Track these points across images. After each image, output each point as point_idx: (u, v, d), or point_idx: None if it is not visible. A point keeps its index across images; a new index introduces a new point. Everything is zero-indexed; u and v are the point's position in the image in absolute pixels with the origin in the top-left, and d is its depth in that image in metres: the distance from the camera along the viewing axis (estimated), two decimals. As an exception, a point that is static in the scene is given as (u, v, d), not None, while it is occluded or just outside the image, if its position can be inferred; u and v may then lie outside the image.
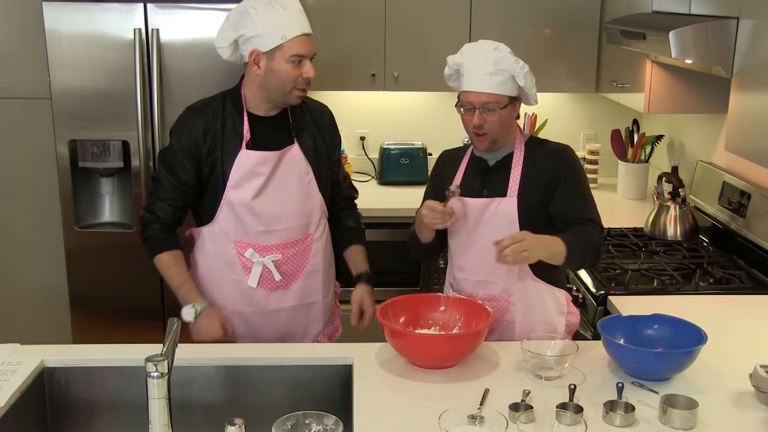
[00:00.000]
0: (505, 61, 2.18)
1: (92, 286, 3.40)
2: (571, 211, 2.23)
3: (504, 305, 2.28)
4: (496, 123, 2.21)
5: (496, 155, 2.30)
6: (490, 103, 2.18)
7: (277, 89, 2.30)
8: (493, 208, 2.25)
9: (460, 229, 2.30)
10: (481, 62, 2.19)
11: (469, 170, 2.35)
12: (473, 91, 2.21)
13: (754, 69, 2.29)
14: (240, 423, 1.57)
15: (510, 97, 2.20)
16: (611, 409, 1.80)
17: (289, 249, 2.40)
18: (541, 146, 2.31)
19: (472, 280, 2.31)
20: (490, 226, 2.25)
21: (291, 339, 2.48)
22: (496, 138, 2.24)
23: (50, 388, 2.09)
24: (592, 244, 2.19)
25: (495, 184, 2.27)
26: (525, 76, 2.18)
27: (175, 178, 2.35)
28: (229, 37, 2.30)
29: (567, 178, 2.25)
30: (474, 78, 2.20)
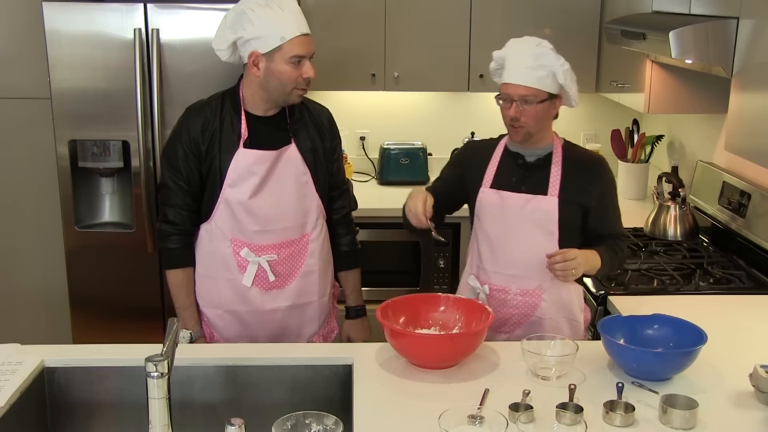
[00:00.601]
0: (546, 57, 2.21)
1: (92, 286, 3.40)
2: (607, 226, 2.34)
3: (536, 301, 2.30)
4: (532, 117, 2.23)
5: (534, 152, 2.32)
6: (527, 96, 2.21)
7: (278, 90, 2.30)
8: (533, 204, 2.27)
9: (494, 224, 2.32)
10: (523, 56, 2.23)
11: (503, 164, 2.36)
12: (512, 83, 2.24)
13: (754, 69, 2.29)
14: (240, 423, 1.57)
15: (549, 93, 2.23)
16: (611, 409, 1.80)
17: (285, 249, 2.40)
18: (578, 151, 2.37)
19: (504, 273, 2.32)
20: (529, 223, 2.27)
21: (285, 339, 2.48)
22: (532, 131, 2.27)
23: (50, 388, 2.09)
24: (621, 259, 2.36)
25: (533, 182, 2.30)
26: (565, 74, 2.21)
27: (183, 179, 2.35)
28: (227, 39, 2.30)
29: (608, 193, 2.34)
30: (514, 71, 2.24)
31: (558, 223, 2.26)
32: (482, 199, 2.35)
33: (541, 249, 2.26)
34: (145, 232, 3.31)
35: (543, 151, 2.33)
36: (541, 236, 2.27)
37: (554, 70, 2.21)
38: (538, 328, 2.30)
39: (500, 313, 2.32)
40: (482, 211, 2.35)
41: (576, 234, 2.31)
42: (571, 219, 2.29)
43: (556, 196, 2.27)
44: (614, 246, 2.32)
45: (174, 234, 2.39)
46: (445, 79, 3.89)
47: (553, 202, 2.27)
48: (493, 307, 2.30)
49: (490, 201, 2.33)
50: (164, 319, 3.34)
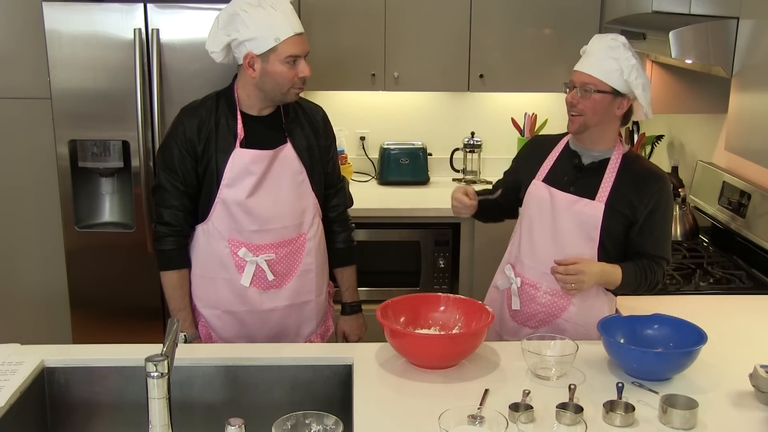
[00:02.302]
0: (617, 50, 2.18)
1: (92, 286, 3.40)
2: (651, 246, 2.25)
3: (564, 303, 2.28)
4: (590, 107, 2.19)
5: (592, 154, 2.29)
6: (588, 84, 2.18)
7: (274, 90, 2.31)
8: (579, 207, 2.24)
9: (539, 218, 2.30)
10: (596, 48, 2.22)
11: (560, 160, 2.34)
12: (578, 70, 2.23)
13: (754, 69, 2.29)
14: (240, 423, 1.57)
15: (613, 87, 2.18)
16: (611, 409, 1.80)
17: (282, 248, 2.40)
18: (639, 163, 2.30)
19: (538, 270, 2.30)
20: (572, 224, 2.25)
21: (284, 338, 2.48)
22: (588, 123, 2.22)
23: (50, 388, 2.09)
24: (651, 282, 2.25)
25: (584, 184, 2.26)
26: (629, 69, 2.16)
27: (179, 180, 2.35)
28: (221, 41, 2.30)
29: (659, 211, 2.24)
30: (584, 60, 2.23)
31: (601, 230, 2.22)
32: (532, 191, 2.33)
33: (579, 253, 2.23)
34: (145, 232, 3.31)
35: (601, 154, 2.27)
36: (582, 240, 2.24)
37: (621, 64, 2.17)
38: (562, 331, 2.27)
39: (528, 308, 2.32)
40: (529, 202, 2.33)
41: (618, 245, 2.26)
42: (615, 229, 2.23)
43: (604, 202, 2.22)
44: (646, 267, 2.23)
45: (170, 235, 2.38)
46: (445, 79, 3.89)
47: (598, 208, 2.22)
48: (522, 301, 2.33)
49: (538, 194, 2.31)
50: (164, 319, 3.34)
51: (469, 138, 4.13)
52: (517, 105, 4.12)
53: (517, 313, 2.36)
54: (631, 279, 2.22)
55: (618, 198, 2.22)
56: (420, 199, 3.89)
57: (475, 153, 4.12)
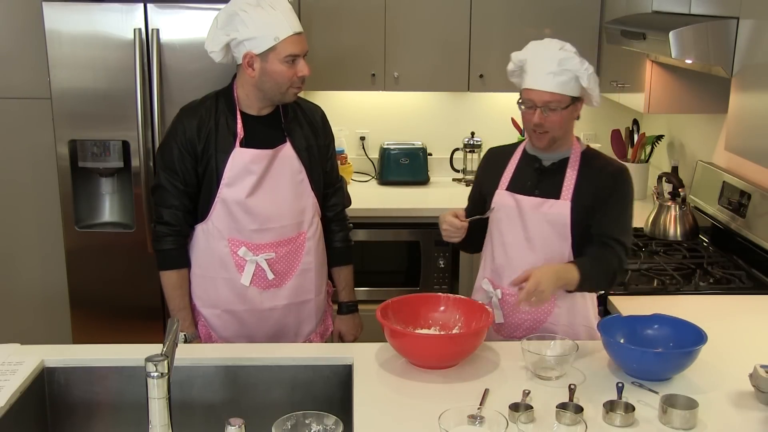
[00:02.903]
0: (570, 62, 2.16)
1: (92, 286, 3.40)
2: (605, 227, 2.23)
3: (549, 307, 2.26)
4: (557, 122, 2.19)
5: (551, 156, 2.28)
6: (551, 102, 2.16)
7: (274, 89, 2.31)
8: (546, 208, 2.24)
9: (509, 226, 2.28)
10: (546, 61, 2.16)
11: (520, 167, 2.33)
12: (536, 89, 2.17)
13: (754, 69, 2.28)
14: (240, 423, 1.57)
15: (572, 97, 2.18)
16: (611, 409, 1.80)
17: (282, 247, 2.40)
18: (599, 158, 2.30)
19: None
20: (543, 226, 2.24)
21: (283, 337, 2.49)
22: (556, 137, 2.22)
23: (50, 388, 2.09)
24: (607, 271, 2.21)
25: (548, 185, 2.26)
26: (589, 78, 2.16)
27: (179, 179, 2.35)
28: (220, 41, 2.30)
29: (616, 196, 2.24)
30: (537, 76, 2.17)
31: (571, 227, 2.22)
32: (498, 201, 2.31)
33: (554, 254, 2.22)
34: (145, 232, 3.30)
35: (561, 155, 2.28)
36: (555, 241, 2.23)
37: (578, 74, 2.15)
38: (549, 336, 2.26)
39: (513, 318, 2.30)
40: (497, 213, 2.31)
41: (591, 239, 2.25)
42: (584, 223, 2.23)
43: (569, 200, 2.22)
44: (600, 255, 2.20)
45: (170, 235, 2.38)
46: (445, 79, 3.89)
47: (565, 206, 2.22)
48: (506, 312, 2.30)
49: (504, 203, 2.29)
50: (164, 319, 3.34)
51: (469, 138, 4.13)
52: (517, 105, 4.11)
53: (502, 327, 2.33)
54: (588, 271, 2.17)
55: (582, 193, 2.23)
56: (420, 199, 3.89)
57: (475, 153, 4.12)
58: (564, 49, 2.18)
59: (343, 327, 2.64)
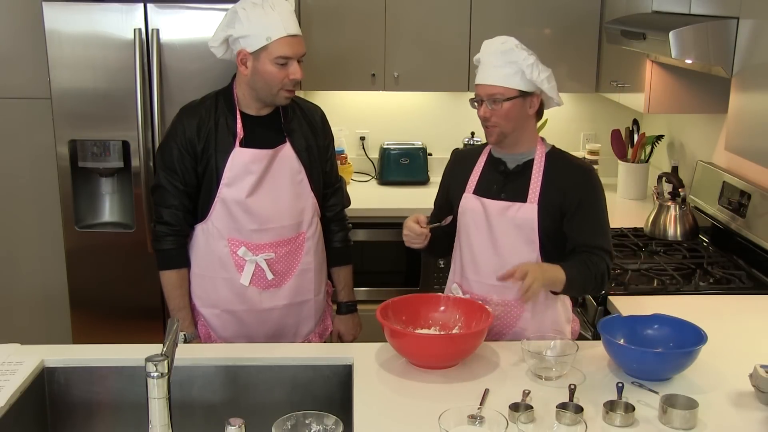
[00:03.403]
0: (512, 54, 2.16)
1: (92, 286, 3.40)
2: (585, 237, 2.21)
3: (518, 311, 2.25)
4: (503, 116, 2.18)
5: (515, 158, 2.26)
6: (495, 95, 2.16)
7: (264, 90, 2.31)
8: (513, 212, 2.21)
9: (476, 231, 2.26)
10: (491, 55, 2.19)
11: (486, 170, 2.31)
12: (481, 83, 2.20)
13: (754, 69, 2.29)
14: (240, 423, 1.57)
15: (519, 90, 2.17)
16: (611, 409, 1.80)
17: (282, 247, 2.40)
18: (564, 159, 2.27)
19: (485, 283, 2.25)
20: (509, 231, 2.21)
21: (282, 337, 2.49)
22: (505, 131, 2.20)
23: (50, 388, 2.09)
24: (595, 275, 2.18)
25: (513, 189, 2.24)
26: (531, 68, 2.15)
27: (178, 179, 2.35)
28: (220, 36, 2.32)
29: (588, 201, 2.21)
30: (483, 71, 2.21)
31: (538, 231, 2.20)
32: (464, 205, 2.28)
33: (522, 258, 2.19)
34: (145, 232, 3.30)
35: (524, 157, 2.25)
36: (522, 245, 2.20)
37: (522, 67, 2.15)
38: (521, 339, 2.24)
39: None
40: (463, 216, 2.29)
41: (557, 244, 2.22)
42: (550, 227, 2.20)
43: (536, 203, 2.19)
44: (586, 260, 2.17)
45: (169, 235, 2.39)
46: (445, 79, 3.89)
47: (532, 210, 2.19)
48: None
49: (471, 207, 2.26)
50: (164, 319, 3.34)
51: (469, 138, 4.13)
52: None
53: None
54: (575, 273, 2.15)
55: (548, 196, 2.20)
56: (420, 199, 3.89)
57: (475, 153, 4.12)
58: (505, 43, 2.19)
59: (342, 327, 2.64)
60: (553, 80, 2.21)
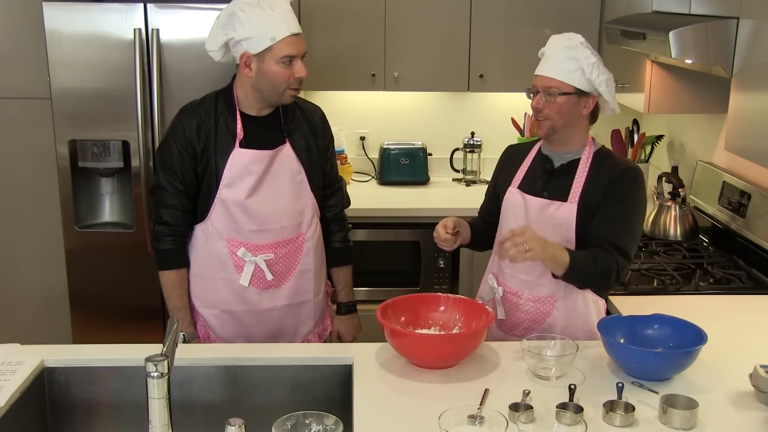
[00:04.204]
0: (575, 51, 2.17)
1: (92, 286, 3.40)
2: (603, 231, 2.18)
3: (548, 309, 2.26)
4: (555, 110, 2.19)
5: (562, 157, 2.28)
6: (551, 88, 2.18)
7: (270, 90, 2.30)
8: (552, 210, 2.23)
9: (516, 223, 2.27)
10: (554, 49, 2.21)
11: (533, 167, 2.33)
12: (540, 74, 2.22)
13: (754, 69, 2.29)
14: (240, 423, 1.57)
15: (576, 88, 2.18)
16: (611, 409, 1.80)
17: (281, 248, 2.40)
18: (609, 159, 2.27)
19: (519, 278, 2.28)
20: (547, 228, 2.21)
21: (282, 338, 2.49)
22: (556, 126, 2.21)
23: (50, 388, 2.09)
24: (601, 270, 2.15)
25: (556, 187, 2.25)
26: (590, 67, 2.15)
27: (178, 179, 2.35)
28: (219, 40, 2.30)
29: (618, 197, 2.18)
30: (544, 63, 2.22)
31: (576, 231, 2.20)
32: (507, 199, 2.33)
33: None
34: (145, 232, 3.31)
35: (572, 156, 2.26)
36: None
37: (583, 65, 2.16)
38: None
39: (512, 317, 2.31)
40: (506, 210, 2.33)
41: None
42: (590, 229, 2.20)
43: (576, 203, 2.20)
44: (595, 254, 2.15)
45: (169, 235, 2.38)
46: (445, 79, 3.89)
47: (571, 209, 2.20)
48: (506, 310, 2.31)
49: (513, 201, 2.30)
50: (164, 319, 3.34)
51: (469, 138, 4.13)
52: (517, 105, 4.12)
53: (503, 323, 2.34)
54: (579, 261, 2.13)
55: (589, 196, 2.21)
56: (420, 199, 3.89)
57: (475, 153, 4.12)
58: (572, 39, 2.20)
59: (341, 327, 2.64)
60: (612, 85, 2.21)
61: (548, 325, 2.27)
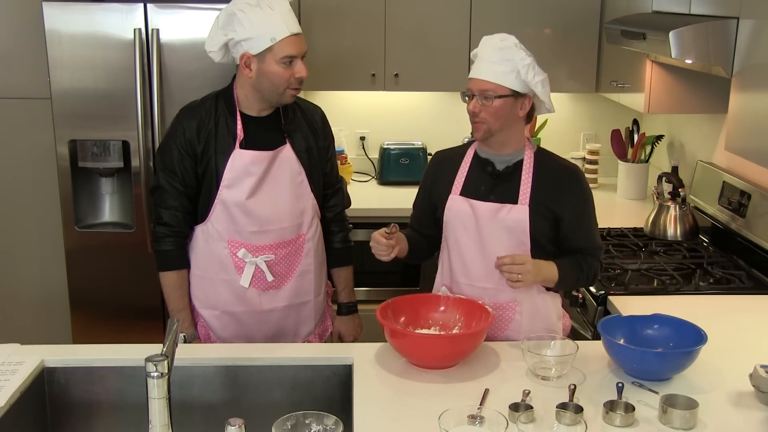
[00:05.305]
0: (509, 52, 2.14)
1: (92, 286, 3.40)
2: (582, 241, 2.24)
3: (510, 314, 2.24)
4: (492, 113, 2.15)
5: (504, 159, 2.24)
6: (487, 91, 2.14)
7: (271, 90, 2.30)
8: (503, 214, 2.20)
9: (465, 233, 2.24)
10: (487, 51, 2.17)
11: (473, 171, 2.28)
12: (474, 77, 2.18)
13: (754, 69, 2.29)
14: (240, 423, 1.57)
15: (512, 90, 2.15)
16: (611, 409, 1.80)
17: (282, 249, 2.40)
18: (551, 160, 2.27)
19: (477, 286, 2.24)
20: (500, 233, 2.20)
21: (282, 338, 2.49)
22: (492, 129, 2.17)
23: (50, 388, 2.09)
24: (587, 275, 2.25)
25: (503, 190, 2.22)
26: (526, 68, 2.13)
27: (178, 180, 2.35)
28: (219, 41, 2.30)
29: (582, 206, 2.23)
30: (478, 65, 2.18)
31: (530, 232, 2.19)
32: (451, 207, 2.26)
33: None
34: (145, 232, 3.31)
35: (513, 158, 2.23)
36: (514, 247, 2.18)
37: (518, 67, 2.12)
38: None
39: None
40: (452, 219, 2.26)
41: (549, 245, 2.22)
42: (542, 229, 2.20)
43: (527, 204, 2.18)
44: (581, 261, 2.22)
45: (169, 236, 2.38)
46: (445, 79, 3.89)
47: (523, 211, 2.18)
48: None
49: (459, 209, 2.24)
50: (164, 319, 3.34)
51: (469, 138, 4.12)
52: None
53: None
54: (569, 275, 2.20)
55: (540, 197, 2.20)
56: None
57: (475, 153, 4.12)
58: (505, 41, 2.17)
59: (342, 328, 2.64)
60: (547, 85, 2.19)
61: (512, 330, 2.25)
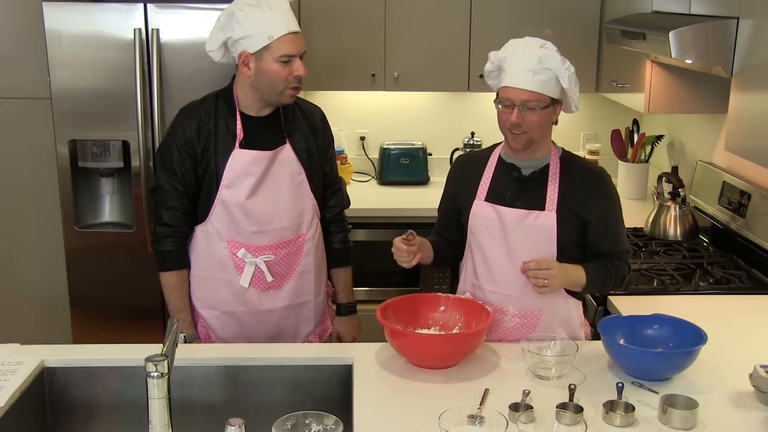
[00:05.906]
0: (551, 60, 2.08)
1: (92, 286, 3.40)
2: (608, 243, 2.20)
3: (534, 323, 2.20)
4: (536, 123, 2.10)
5: (529, 163, 2.20)
6: (530, 102, 2.08)
7: (269, 89, 2.30)
8: (531, 220, 2.15)
9: (490, 239, 2.20)
10: (526, 58, 2.08)
11: (498, 176, 2.23)
12: (514, 87, 2.09)
13: (754, 69, 2.29)
14: (240, 423, 1.57)
15: (552, 98, 2.10)
16: (611, 409, 1.80)
17: (282, 249, 2.40)
18: (577, 163, 2.23)
19: (502, 293, 2.20)
20: (527, 240, 2.15)
21: (282, 338, 2.49)
22: (534, 138, 2.13)
23: (50, 388, 2.09)
24: (616, 278, 2.20)
25: (529, 196, 2.17)
26: (570, 78, 2.08)
27: (178, 180, 2.35)
28: (218, 40, 2.31)
29: (610, 209, 2.19)
30: (516, 74, 2.09)
31: (557, 239, 2.15)
32: (476, 213, 2.22)
33: None
34: (145, 232, 3.30)
35: (539, 162, 2.19)
36: (540, 253, 2.13)
37: (558, 73, 2.07)
38: None
39: (495, 334, 2.22)
40: (477, 225, 2.22)
41: (574, 249, 2.18)
42: (569, 234, 2.15)
43: (554, 211, 2.14)
44: (608, 264, 2.17)
45: (169, 236, 2.38)
46: (445, 79, 3.89)
47: (551, 218, 2.14)
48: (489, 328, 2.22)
49: (485, 215, 2.20)
50: (164, 319, 3.34)
51: (469, 138, 4.13)
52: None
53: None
54: (597, 278, 2.16)
55: (567, 203, 2.15)
56: (420, 199, 3.89)
57: (475, 153, 4.12)
58: (545, 47, 2.11)
59: (341, 328, 2.64)
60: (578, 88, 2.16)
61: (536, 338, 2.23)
